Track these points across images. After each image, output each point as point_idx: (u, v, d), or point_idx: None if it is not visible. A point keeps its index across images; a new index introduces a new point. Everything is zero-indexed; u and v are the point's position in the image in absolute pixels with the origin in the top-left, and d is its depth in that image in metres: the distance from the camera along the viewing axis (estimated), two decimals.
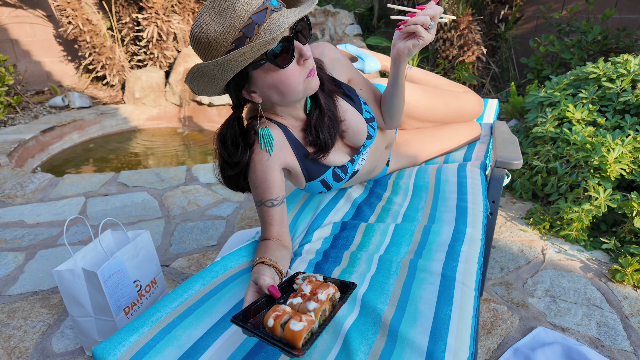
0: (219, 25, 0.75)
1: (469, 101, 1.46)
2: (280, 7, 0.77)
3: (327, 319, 0.64)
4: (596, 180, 1.83)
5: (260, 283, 0.72)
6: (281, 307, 0.63)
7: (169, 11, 4.36)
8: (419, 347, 0.68)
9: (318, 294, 0.66)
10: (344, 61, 1.10)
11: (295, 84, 0.83)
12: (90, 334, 1.23)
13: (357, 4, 4.93)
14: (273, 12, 0.76)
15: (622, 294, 1.52)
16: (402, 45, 0.94)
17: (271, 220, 0.97)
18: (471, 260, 0.89)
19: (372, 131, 1.11)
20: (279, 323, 0.61)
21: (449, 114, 1.43)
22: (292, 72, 0.82)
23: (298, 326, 0.59)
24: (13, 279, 1.66)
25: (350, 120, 1.04)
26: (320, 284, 0.69)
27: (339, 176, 1.08)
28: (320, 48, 1.06)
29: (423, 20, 0.89)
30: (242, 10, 0.74)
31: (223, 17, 0.75)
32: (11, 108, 3.97)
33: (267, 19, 0.75)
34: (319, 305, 0.64)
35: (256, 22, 0.75)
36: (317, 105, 0.97)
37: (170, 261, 1.77)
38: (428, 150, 1.43)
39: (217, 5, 0.75)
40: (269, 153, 0.94)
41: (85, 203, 2.29)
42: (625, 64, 2.13)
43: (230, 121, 0.94)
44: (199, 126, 4.35)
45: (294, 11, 0.77)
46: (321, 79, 0.96)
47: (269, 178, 0.95)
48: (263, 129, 0.92)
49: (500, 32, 3.80)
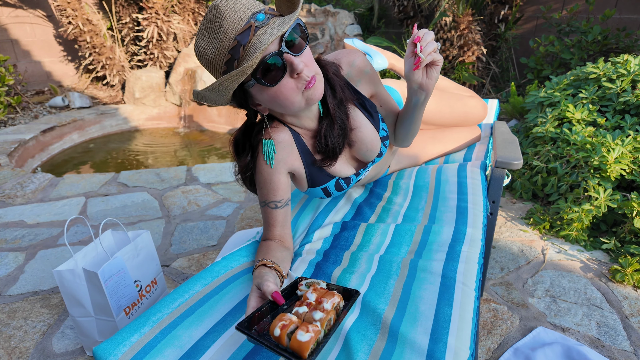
0: (211, 48, 0.76)
1: (475, 106, 1.46)
2: (267, 21, 0.74)
3: (332, 328, 0.63)
4: (596, 180, 1.83)
5: (264, 289, 0.71)
6: (288, 317, 0.63)
7: (169, 11, 4.37)
8: (419, 347, 0.68)
9: (324, 302, 0.66)
10: (373, 75, 1.04)
11: (291, 98, 0.81)
12: (90, 334, 1.23)
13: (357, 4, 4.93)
14: (258, 28, 0.73)
15: (622, 294, 1.53)
16: (423, 79, 0.88)
17: (274, 222, 0.97)
18: (471, 260, 0.89)
19: (384, 149, 1.09)
20: (285, 332, 0.60)
21: (454, 119, 1.43)
22: (285, 87, 0.79)
23: (305, 337, 0.58)
24: (13, 279, 1.66)
25: (364, 136, 1.01)
26: (325, 292, 0.69)
27: (341, 186, 1.08)
28: (351, 57, 1.00)
29: (433, 47, 0.83)
30: (227, 32, 0.73)
31: (214, 39, 0.75)
32: (11, 108, 3.97)
33: (252, 39, 0.73)
34: (325, 315, 0.64)
35: (241, 42, 0.73)
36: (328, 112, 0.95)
37: (170, 261, 1.77)
38: (429, 151, 1.43)
39: (208, 27, 0.75)
40: (270, 165, 0.94)
41: (86, 203, 2.29)
42: (625, 64, 2.13)
43: (243, 127, 0.95)
44: (199, 126, 4.35)
45: (281, 22, 0.74)
46: (332, 84, 0.93)
47: (274, 180, 0.95)
48: (267, 140, 0.92)
49: (500, 32, 3.80)
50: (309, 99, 0.83)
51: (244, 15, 0.73)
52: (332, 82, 0.93)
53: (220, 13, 0.73)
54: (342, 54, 1.00)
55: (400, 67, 1.55)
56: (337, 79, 0.94)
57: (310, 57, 0.82)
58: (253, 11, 0.74)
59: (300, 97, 0.82)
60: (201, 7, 4.63)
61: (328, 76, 0.92)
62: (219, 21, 0.74)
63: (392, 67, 1.55)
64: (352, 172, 1.08)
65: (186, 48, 4.45)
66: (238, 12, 0.73)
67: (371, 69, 1.03)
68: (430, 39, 0.84)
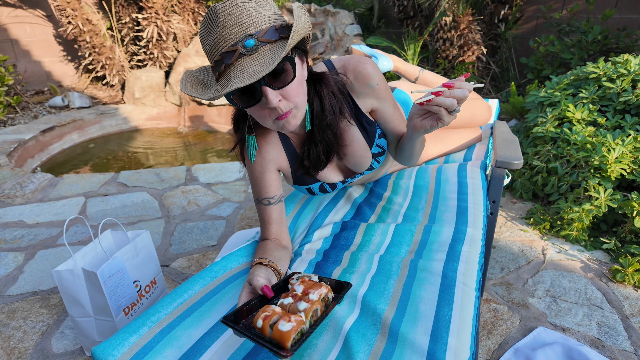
0: (206, 44, 0.76)
1: (481, 109, 1.45)
2: (255, 49, 0.70)
3: (319, 319, 0.63)
4: (596, 180, 1.83)
5: (254, 283, 0.73)
6: (271, 308, 0.63)
7: (169, 11, 4.36)
8: (419, 348, 0.67)
9: (310, 294, 0.66)
10: (378, 90, 0.96)
11: (262, 120, 0.80)
12: (90, 335, 1.22)
13: (357, 4, 4.93)
14: (242, 56, 0.71)
15: (622, 294, 1.52)
16: (419, 122, 0.83)
17: (269, 219, 0.98)
18: (472, 260, 0.89)
19: (375, 164, 1.09)
20: (267, 323, 0.61)
21: (461, 121, 1.43)
22: (256, 111, 0.78)
23: (286, 327, 0.59)
24: (13, 279, 1.66)
25: (355, 151, 1.00)
26: (313, 284, 0.69)
27: (325, 190, 1.09)
28: (359, 67, 0.93)
29: (449, 104, 0.75)
30: (217, 42, 0.72)
31: (209, 38, 0.75)
32: (11, 108, 3.97)
33: (233, 63, 0.71)
34: (309, 305, 0.64)
35: (224, 61, 0.72)
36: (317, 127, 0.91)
37: (170, 261, 1.77)
38: (429, 151, 1.43)
39: (207, 24, 0.75)
40: (251, 160, 0.95)
41: (85, 203, 2.29)
42: (625, 63, 2.13)
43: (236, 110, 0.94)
44: (199, 126, 4.35)
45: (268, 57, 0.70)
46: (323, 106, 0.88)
47: (265, 177, 0.97)
48: (250, 136, 0.93)
49: (500, 32, 3.80)
50: (280, 127, 0.80)
51: (235, 35, 0.71)
52: (323, 104, 0.89)
53: (215, 21, 0.72)
54: (351, 62, 0.94)
55: (404, 70, 1.56)
56: (333, 100, 0.89)
57: (295, 88, 0.77)
58: (245, 34, 0.70)
59: (271, 123, 0.80)
60: (201, 7, 4.63)
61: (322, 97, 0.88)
62: (213, 27, 0.73)
63: (396, 69, 1.56)
64: (339, 179, 1.08)
65: (186, 48, 4.45)
66: (230, 28, 0.71)
67: (378, 82, 0.95)
68: (460, 95, 0.75)
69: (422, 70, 1.54)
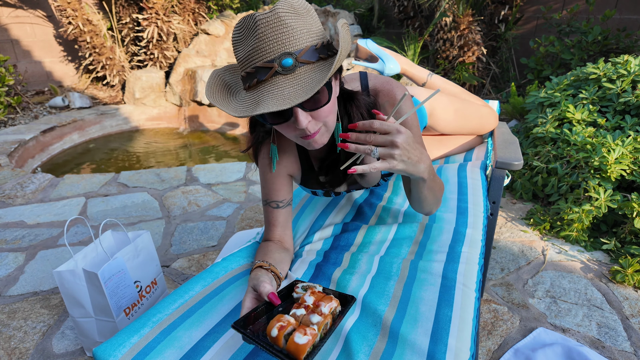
0: (241, 51, 0.70)
1: (488, 117, 1.42)
2: (292, 69, 0.66)
3: (328, 332, 0.63)
4: (596, 180, 1.83)
5: (261, 290, 0.71)
6: (285, 318, 0.63)
7: (169, 11, 4.37)
8: (419, 349, 0.68)
9: (321, 306, 0.66)
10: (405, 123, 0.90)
11: (288, 135, 0.76)
12: (90, 335, 1.23)
13: (357, 4, 4.93)
14: (278, 74, 0.66)
15: (622, 294, 1.52)
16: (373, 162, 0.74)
17: (275, 222, 0.98)
18: (472, 261, 0.89)
19: (383, 183, 1.08)
20: (282, 334, 0.60)
21: (470, 130, 1.42)
22: (283, 127, 0.74)
23: (303, 340, 0.58)
24: (13, 280, 1.66)
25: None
26: (322, 296, 0.69)
27: (329, 194, 1.09)
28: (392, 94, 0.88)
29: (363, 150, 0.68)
30: (252, 54, 0.67)
31: (243, 47, 0.69)
32: (11, 108, 3.97)
33: (267, 80, 0.67)
34: (322, 319, 0.63)
35: (257, 75, 0.67)
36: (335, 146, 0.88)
37: (170, 262, 1.77)
38: (432, 154, 1.43)
39: (243, 31, 0.68)
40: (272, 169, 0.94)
41: (86, 203, 2.29)
42: (625, 64, 2.13)
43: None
44: (200, 126, 4.35)
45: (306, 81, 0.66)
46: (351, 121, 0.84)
47: (276, 181, 0.96)
48: (274, 145, 0.91)
49: (500, 33, 3.80)
50: (305, 145, 0.77)
51: (272, 51, 0.66)
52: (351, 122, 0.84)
53: (253, 31, 0.66)
54: (385, 86, 0.90)
55: (412, 73, 1.49)
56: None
57: (327, 109, 0.73)
58: (284, 51, 0.65)
59: (297, 138, 0.77)
60: (201, 7, 4.63)
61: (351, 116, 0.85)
62: (250, 37, 0.67)
63: (404, 72, 1.49)
64: (344, 189, 1.08)
65: (186, 48, 4.45)
66: (269, 42, 0.65)
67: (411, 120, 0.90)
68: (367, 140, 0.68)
69: (431, 75, 1.47)
